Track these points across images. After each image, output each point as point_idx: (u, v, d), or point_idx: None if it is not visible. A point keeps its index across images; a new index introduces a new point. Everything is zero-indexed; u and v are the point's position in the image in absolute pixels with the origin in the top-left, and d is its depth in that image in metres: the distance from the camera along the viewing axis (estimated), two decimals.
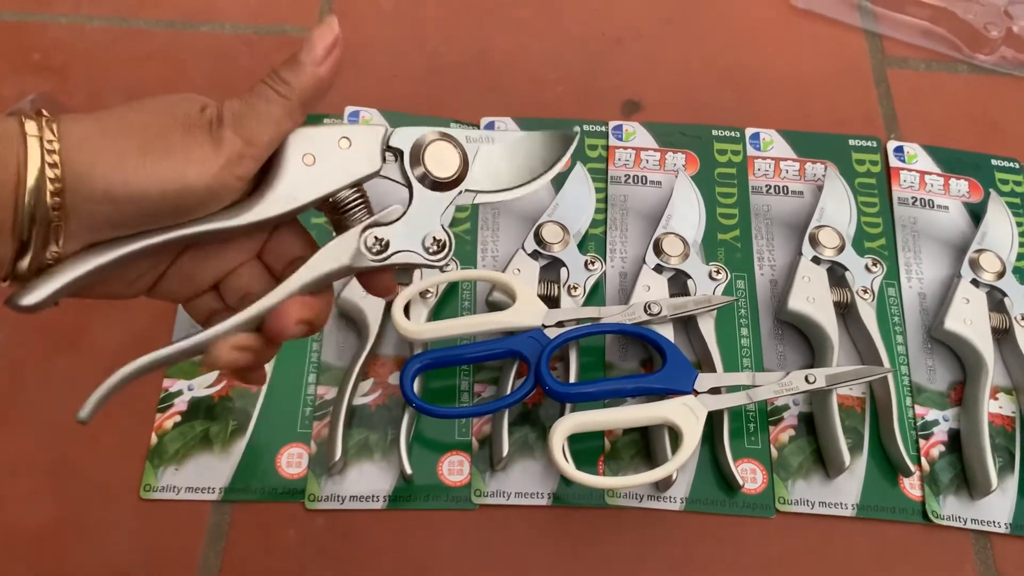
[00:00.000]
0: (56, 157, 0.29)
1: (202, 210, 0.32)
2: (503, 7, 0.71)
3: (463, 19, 0.70)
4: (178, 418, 0.52)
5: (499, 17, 0.70)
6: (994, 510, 0.51)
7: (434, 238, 0.36)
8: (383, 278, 0.37)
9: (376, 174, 0.35)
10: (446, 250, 0.36)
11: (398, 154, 0.35)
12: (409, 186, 0.36)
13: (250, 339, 0.35)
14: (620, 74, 0.67)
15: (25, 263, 0.31)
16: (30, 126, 0.29)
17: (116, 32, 0.68)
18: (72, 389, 0.53)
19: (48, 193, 0.29)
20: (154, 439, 0.52)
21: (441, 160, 0.36)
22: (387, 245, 0.35)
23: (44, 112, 0.30)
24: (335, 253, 0.35)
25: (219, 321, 0.36)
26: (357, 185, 0.35)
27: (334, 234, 0.36)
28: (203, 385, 0.53)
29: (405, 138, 0.35)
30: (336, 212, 0.36)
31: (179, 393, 0.53)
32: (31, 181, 0.29)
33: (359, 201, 0.36)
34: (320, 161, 0.34)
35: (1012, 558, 0.50)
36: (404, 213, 0.36)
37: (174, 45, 0.68)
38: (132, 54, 0.67)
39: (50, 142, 0.29)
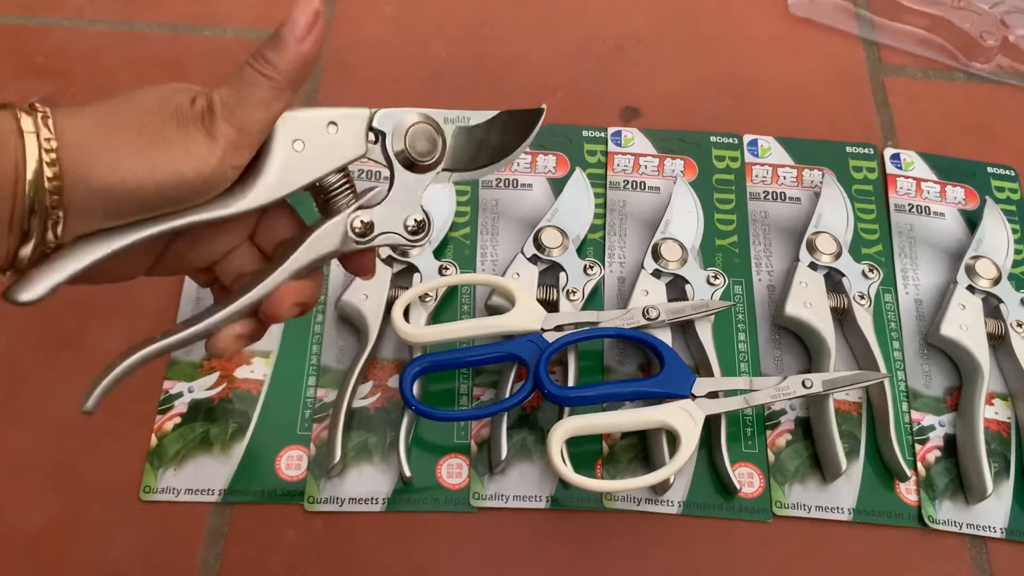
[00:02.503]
0: (54, 155, 0.29)
1: (197, 199, 0.33)
2: (503, 14, 0.71)
3: (464, 25, 0.71)
4: (178, 420, 0.52)
5: (499, 23, 0.71)
6: (990, 515, 0.51)
7: (415, 219, 0.37)
8: (364, 259, 0.38)
9: (361, 157, 0.36)
10: (425, 231, 0.38)
11: (380, 136, 0.36)
12: (391, 168, 0.37)
13: (248, 326, 0.36)
14: (619, 80, 0.68)
15: (26, 254, 0.31)
16: (26, 122, 0.30)
17: (118, 36, 0.69)
18: (72, 390, 0.53)
19: (47, 191, 0.29)
20: (154, 441, 0.52)
21: (422, 142, 0.37)
22: (371, 227, 0.37)
23: (39, 107, 0.30)
24: (325, 238, 0.36)
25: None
26: (343, 169, 0.36)
27: (318, 213, 0.37)
28: (203, 387, 0.53)
29: (387, 120, 0.36)
30: (323, 195, 0.37)
31: (179, 395, 0.53)
32: (30, 177, 0.29)
33: (345, 184, 0.37)
34: (309, 146, 0.35)
35: (1008, 563, 0.51)
36: (387, 195, 0.37)
37: (176, 49, 0.68)
38: (134, 58, 0.67)
39: (47, 139, 0.29)
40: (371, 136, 0.36)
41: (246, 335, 0.37)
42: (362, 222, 0.36)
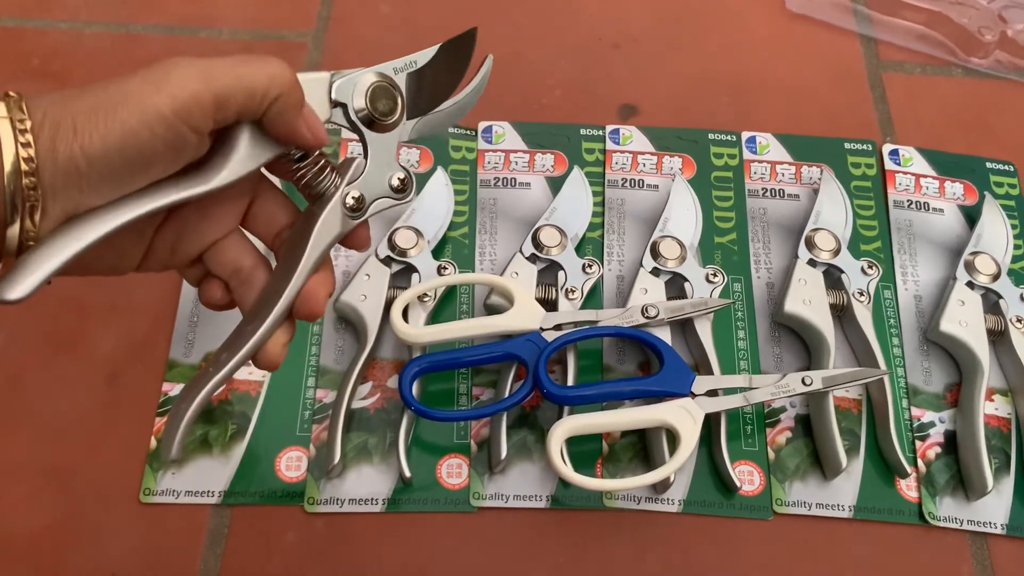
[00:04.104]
0: (28, 136, 0.29)
1: (164, 164, 0.32)
2: (501, 13, 0.71)
3: (461, 24, 0.70)
4: None
5: (497, 23, 0.70)
6: (990, 511, 0.51)
7: (399, 178, 0.38)
8: (359, 233, 0.39)
9: (327, 121, 0.36)
10: (410, 186, 0.39)
11: (342, 106, 0.37)
12: (361, 135, 0.37)
13: (290, 330, 0.38)
14: (617, 79, 0.68)
15: (14, 240, 0.30)
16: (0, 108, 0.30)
17: (114, 37, 0.68)
18: (71, 392, 0.54)
19: (22, 172, 0.29)
20: (153, 443, 0.52)
21: (383, 102, 0.37)
22: (362, 200, 0.37)
23: (12, 93, 0.30)
24: (328, 226, 0.37)
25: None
26: None
27: (294, 189, 0.38)
28: None
29: (345, 89, 0.37)
30: (299, 173, 0.37)
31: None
32: (8, 163, 0.29)
33: (321, 160, 0.37)
34: None
35: (1009, 559, 0.51)
36: (366, 165, 0.37)
37: (172, 51, 0.68)
38: (130, 59, 0.67)
39: (21, 121, 0.30)
40: (333, 104, 0.37)
41: (289, 340, 0.38)
42: (353, 198, 0.37)
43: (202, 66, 0.32)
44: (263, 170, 0.38)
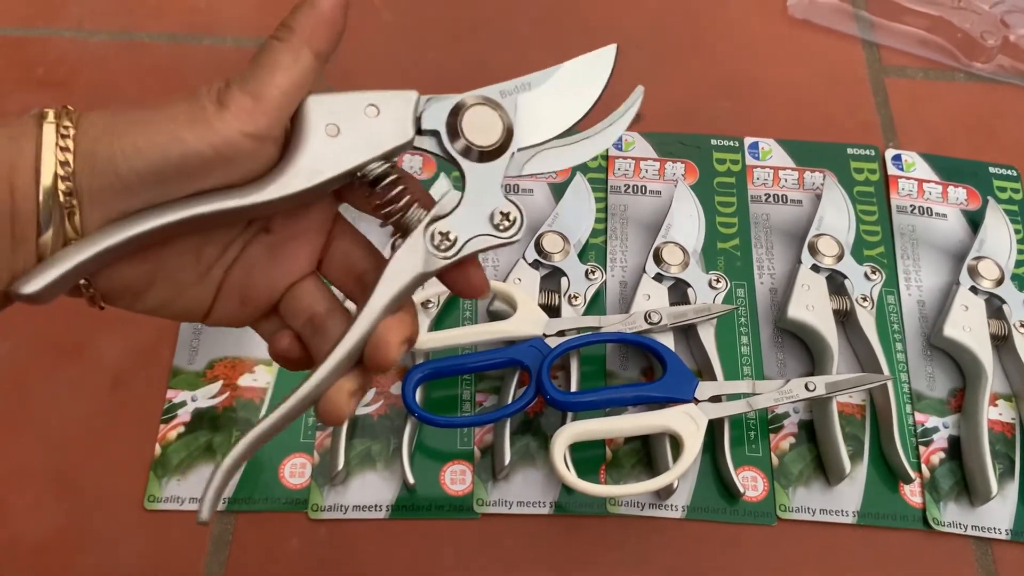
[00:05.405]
0: (69, 142, 0.29)
1: (214, 174, 0.30)
2: (503, 19, 0.71)
3: (463, 31, 0.71)
4: (182, 429, 0.52)
5: (499, 29, 0.71)
6: (995, 516, 0.51)
7: (501, 212, 0.32)
8: (467, 274, 0.33)
9: (408, 145, 0.32)
10: (518, 223, 0.32)
11: (434, 134, 0.32)
12: (457, 164, 0.33)
13: (356, 379, 0.32)
14: (619, 84, 0.68)
15: (47, 244, 0.30)
16: (49, 116, 0.30)
17: (119, 46, 0.69)
18: (76, 399, 0.54)
19: (59, 177, 0.29)
20: (158, 450, 0.52)
21: (482, 127, 0.32)
22: (455, 238, 0.32)
23: (69, 107, 0.30)
24: (406, 262, 0.32)
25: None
26: (388, 158, 0.32)
27: (390, 229, 0.34)
28: (207, 396, 0.53)
29: (437, 114, 0.32)
30: (374, 193, 0.33)
31: (183, 404, 0.53)
32: (47, 174, 0.29)
33: (400, 186, 0.32)
34: (345, 132, 0.31)
35: (1013, 564, 0.50)
36: (462, 196, 0.32)
37: (176, 58, 0.68)
38: (135, 67, 0.67)
39: (66, 127, 0.29)
40: (422, 128, 0.32)
41: (359, 389, 0.32)
42: (440, 234, 0.32)
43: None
44: (341, 211, 0.35)
